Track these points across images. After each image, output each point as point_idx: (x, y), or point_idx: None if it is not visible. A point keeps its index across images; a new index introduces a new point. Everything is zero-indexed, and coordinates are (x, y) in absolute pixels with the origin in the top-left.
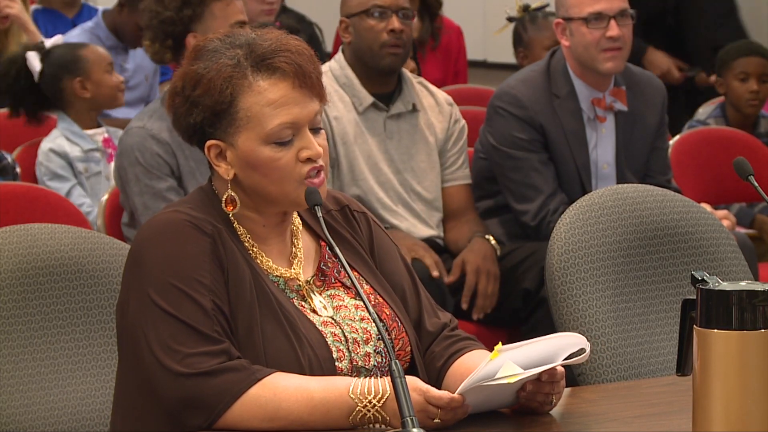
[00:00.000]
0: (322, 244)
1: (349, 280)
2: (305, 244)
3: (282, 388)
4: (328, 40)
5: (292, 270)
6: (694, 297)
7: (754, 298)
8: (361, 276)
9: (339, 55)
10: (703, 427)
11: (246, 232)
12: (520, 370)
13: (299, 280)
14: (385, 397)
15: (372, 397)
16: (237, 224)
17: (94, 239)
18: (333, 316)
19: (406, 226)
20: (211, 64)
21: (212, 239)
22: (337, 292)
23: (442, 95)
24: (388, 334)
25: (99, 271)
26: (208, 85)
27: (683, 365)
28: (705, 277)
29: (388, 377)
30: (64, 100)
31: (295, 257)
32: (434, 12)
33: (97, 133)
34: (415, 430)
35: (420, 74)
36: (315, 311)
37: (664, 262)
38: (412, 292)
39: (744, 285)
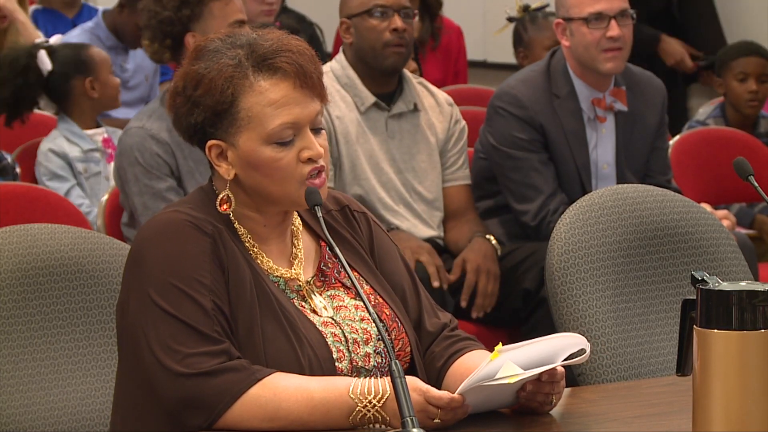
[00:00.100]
0: (323, 244)
1: (349, 281)
2: (305, 245)
3: (282, 388)
4: (329, 40)
5: (293, 270)
6: (694, 297)
7: (754, 298)
8: (361, 276)
9: (340, 55)
10: (703, 427)
11: (246, 232)
12: (520, 371)
13: (299, 281)
14: (385, 397)
15: (372, 397)
16: (237, 224)
17: (94, 239)
18: (333, 317)
19: (407, 226)
20: (212, 64)
21: (212, 239)
22: (337, 293)
23: (443, 95)
24: (388, 335)
25: (99, 271)
26: (209, 85)
27: (683, 365)
28: (705, 277)
29: (388, 377)
30: (71, 100)
31: (296, 257)
32: (434, 12)
33: (97, 133)
34: (415, 430)
35: (422, 75)
36: (315, 311)
37: (664, 262)
38: (412, 293)
39: (744, 285)
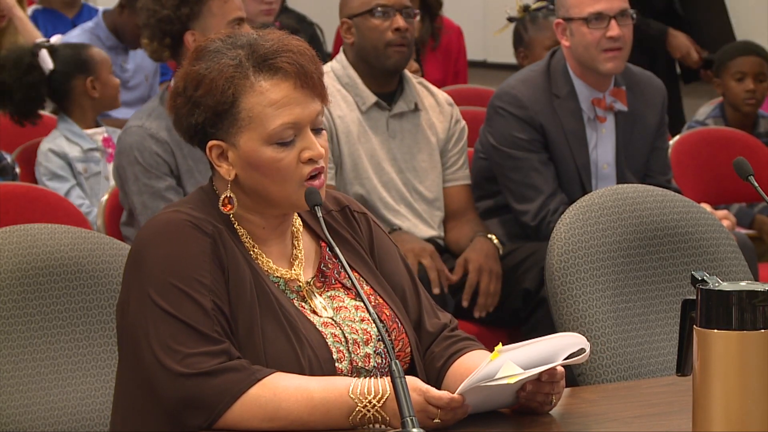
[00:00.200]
0: (323, 244)
1: (350, 281)
2: (306, 245)
3: (282, 388)
4: (329, 40)
5: (293, 271)
6: (694, 297)
7: (754, 298)
8: (362, 277)
9: (340, 55)
10: (703, 427)
11: (246, 232)
12: (520, 371)
13: (299, 281)
14: (385, 397)
15: (372, 397)
16: (237, 225)
17: (94, 239)
18: (333, 317)
19: (408, 225)
20: (213, 65)
21: (213, 239)
22: (337, 293)
23: (443, 95)
24: (388, 335)
25: (99, 271)
26: (210, 86)
27: (683, 365)
28: (705, 277)
29: (388, 377)
30: (71, 99)
31: (296, 258)
32: (434, 12)
33: (97, 133)
34: (415, 430)
35: (423, 75)
36: (315, 312)
37: (664, 262)
38: (412, 293)
39: (744, 285)
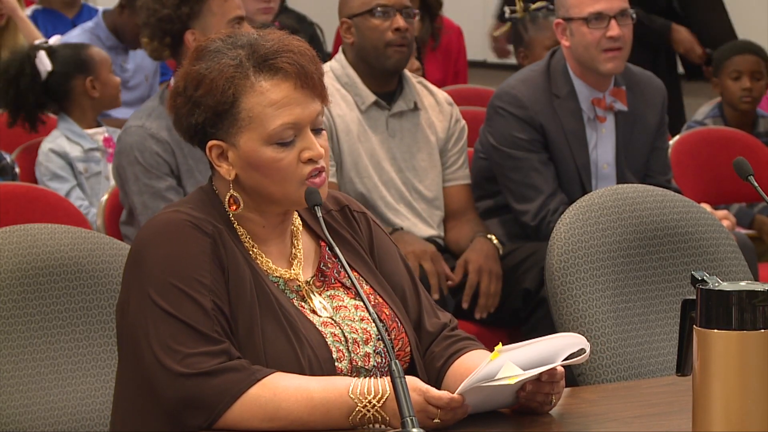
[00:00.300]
0: (322, 244)
1: (349, 281)
2: (305, 245)
3: (282, 388)
4: (329, 40)
5: (292, 270)
6: (694, 297)
7: (754, 298)
8: (361, 276)
9: (340, 55)
10: (703, 427)
11: (246, 232)
12: (520, 371)
13: (299, 281)
14: (385, 397)
15: (372, 397)
16: (237, 225)
17: (94, 239)
18: (333, 317)
19: (408, 225)
20: (213, 65)
21: (212, 239)
22: (336, 293)
23: (442, 95)
24: (388, 335)
25: (99, 271)
26: (210, 86)
27: (683, 365)
28: (705, 277)
29: (388, 377)
30: (72, 99)
31: (295, 258)
32: (434, 12)
33: (98, 133)
34: (415, 430)
35: (424, 74)
36: (315, 312)
37: (664, 262)
38: (412, 293)
39: (744, 285)
